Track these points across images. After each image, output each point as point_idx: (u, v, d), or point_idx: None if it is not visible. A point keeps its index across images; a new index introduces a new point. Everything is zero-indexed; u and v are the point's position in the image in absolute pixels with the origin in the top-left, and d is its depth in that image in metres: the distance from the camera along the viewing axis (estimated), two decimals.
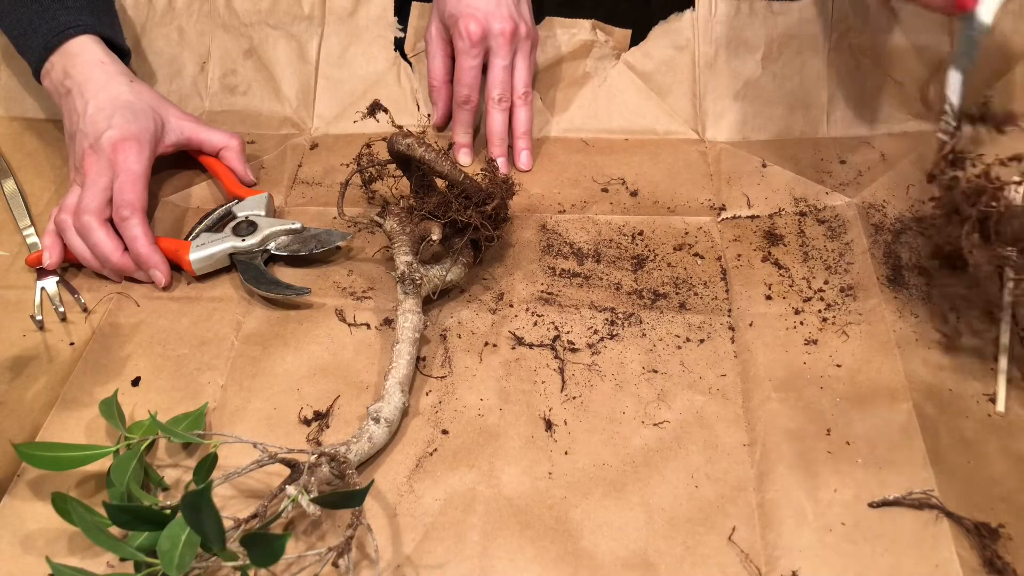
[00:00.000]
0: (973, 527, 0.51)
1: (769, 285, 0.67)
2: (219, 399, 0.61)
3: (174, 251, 0.69)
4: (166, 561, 0.44)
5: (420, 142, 0.62)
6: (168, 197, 0.77)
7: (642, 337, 0.64)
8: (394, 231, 0.65)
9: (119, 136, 0.69)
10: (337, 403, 0.60)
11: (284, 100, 0.85)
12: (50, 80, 0.74)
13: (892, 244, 0.69)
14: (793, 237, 0.71)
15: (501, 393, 0.60)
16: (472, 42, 0.75)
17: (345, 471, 0.52)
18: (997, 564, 0.49)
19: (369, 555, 0.51)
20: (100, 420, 0.58)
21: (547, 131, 0.83)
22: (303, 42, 0.85)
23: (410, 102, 0.84)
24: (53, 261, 0.69)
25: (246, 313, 0.67)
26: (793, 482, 0.54)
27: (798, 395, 0.59)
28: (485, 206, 0.64)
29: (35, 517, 0.54)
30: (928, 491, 0.53)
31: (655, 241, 0.71)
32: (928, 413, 0.57)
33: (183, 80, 0.85)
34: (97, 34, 0.74)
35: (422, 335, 0.62)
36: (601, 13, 0.83)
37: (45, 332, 0.66)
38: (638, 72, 0.83)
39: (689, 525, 0.52)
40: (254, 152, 0.82)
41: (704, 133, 0.81)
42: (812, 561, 0.50)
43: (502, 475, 0.55)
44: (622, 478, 0.55)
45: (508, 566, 0.51)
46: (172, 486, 0.56)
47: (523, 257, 0.71)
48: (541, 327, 0.65)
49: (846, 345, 0.62)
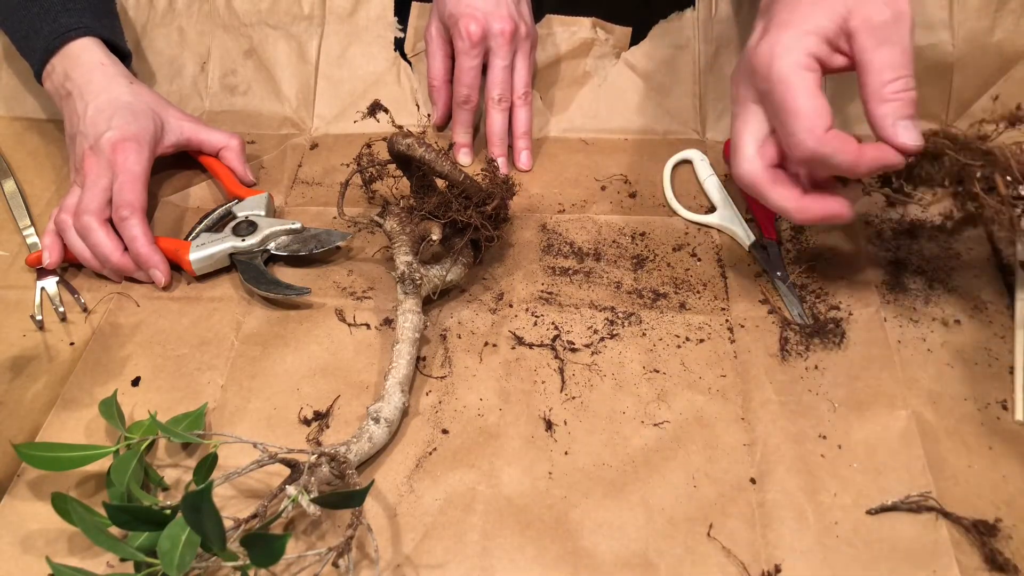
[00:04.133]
0: (971, 525, 0.51)
1: (767, 288, 0.67)
2: (219, 399, 0.61)
3: (174, 251, 0.69)
4: (166, 561, 0.44)
5: (420, 142, 0.62)
6: (168, 197, 0.77)
7: (642, 337, 0.64)
8: (394, 231, 0.65)
9: (119, 137, 0.69)
10: (337, 403, 0.60)
11: (284, 100, 0.85)
12: (51, 82, 0.74)
13: (891, 248, 0.69)
14: (793, 239, 0.71)
15: (501, 393, 0.60)
16: (472, 42, 0.75)
17: (345, 471, 0.52)
18: (998, 560, 0.49)
19: (369, 555, 0.51)
20: (100, 420, 0.58)
21: (547, 131, 0.83)
22: (303, 42, 0.85)
23: (410, 102, 0.84)
24: (53, 261, 0.69)
25: (246, 313, 0.67)
26: (793, 484, 0.54)
27: (797, 399, 0.59)
28: (485, 206, 0.64)
29: (35, 517, 0.54)
30: (926, 493, 0.53)
31: (655, 241, 0.71)
32: (928, 419, 0.57)
33: (183, 80, 0.85)
34: (98, 36, 0.75)
35: (422, 335, 0.62)
36: (601, 11, 0.83)
37: (45, 332, 0.66)
38: (638, 71, 0.83)
39: (689, 525, 0.52)
40: (254, 152, 0.82)
41: (704, 133, 0.81)
42: (812, 562, 0.50)
43: (502, 475, 0.55)
44: (622, 478, 0.55)
45: (508, 566, 0.51)
46: (172, 486, 0.56)
47: (523, 257, 0.71)
48: (541, 327, 0.65)
49: (845, 350, 0.62)
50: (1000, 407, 0.58)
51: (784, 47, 0.55)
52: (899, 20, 0.54)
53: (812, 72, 0.55)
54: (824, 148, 0.54)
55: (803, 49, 0.55)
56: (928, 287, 0.66)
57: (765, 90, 0.57)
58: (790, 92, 0.55)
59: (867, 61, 0.54)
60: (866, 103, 0.55)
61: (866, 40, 0.54)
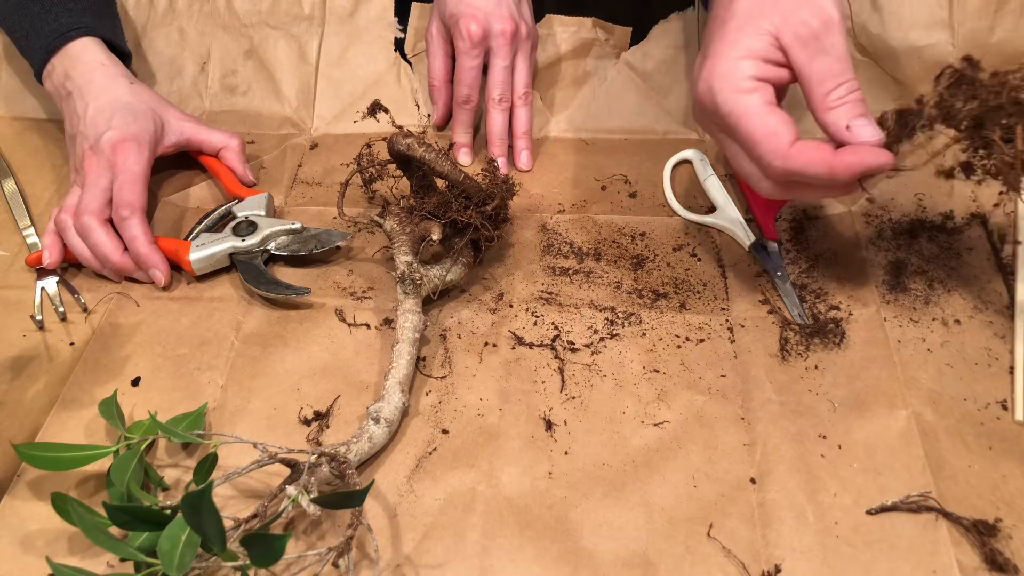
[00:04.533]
0: (971, 525, 0.51)
1: (767, 288, 0.67)
2: (219, 399, 0.61)
3: (174, 251, 0.69)
4: (166, 561, 0.44)
5: (420, 142, 0.62)
6: (168, 197, 0.77)
7: (642, 337, 0.64)
8: (394, 231, 0.65)
9: (119, 137, 0.69)
10: (337, 403, 0.60)
11: (284, 100, 0.85)
12: (51, 82, 0.74)
13: (892, 249, 0.69)
14: (793, 239, 0.71)
15: (501, 393, 0.60)
16: (473, 42, 0.75)
17: (345, 471, 0.52)
18: (998, 560, 0.49)
19: (369, 555, 0.51)
20: (100, 420, 0.58)
21: (547, 131, 0.83)
22: (303, 42, 0.85)
23: (410, 102, 0.84)
24: (53, 261, 0.69)
25: (246, 313, 0.67)
26: (793, 484, 0.54)
27: (798, 399, 0.59)
28: (485, 206, 0.64)
29: (35, 517, 0.54)
30: (926, 493, 0.53)
31: (655, 241, 0.71)
32: (928, 419, 0.57)
33: (183, 80, 0.85)
34: (98, 36, 0.75)
35: (422, 335, 0.62)
36: (601, 11, 0.83)
37: (45, 332, 0.66)
38: (638, 71, 0.83)
39: (689, 525, 0.52)
40: (254, 152, 0.82)
41: (704, 133, 0.81)
42: (812, 562, 0.50)
43: (502, 475, 0.55)
44: (622, 478, 0.55)
45: (508, 566, 0.51)
46: (172, 486, 0.56)
47: (523, 257, 0.71)
48: (541, 327, 0.65)
49: (845, 350, 0.62)
50: (1000, 407, 0.58)
51: (721, 77, 0.55)
52: (828, 27, 0.53)
53: (757, 92, 0.54)
54: (793, 164, 0.53)
55: (740, 74, 0.54)
56: (928, 287, 0.66)
57: (718, 124, 0.56)
58: (740, 121, 0.54)
59: (806, 75, 0.54)
60: (815, 115, 0.54)
61: (799, 54, 0.54)
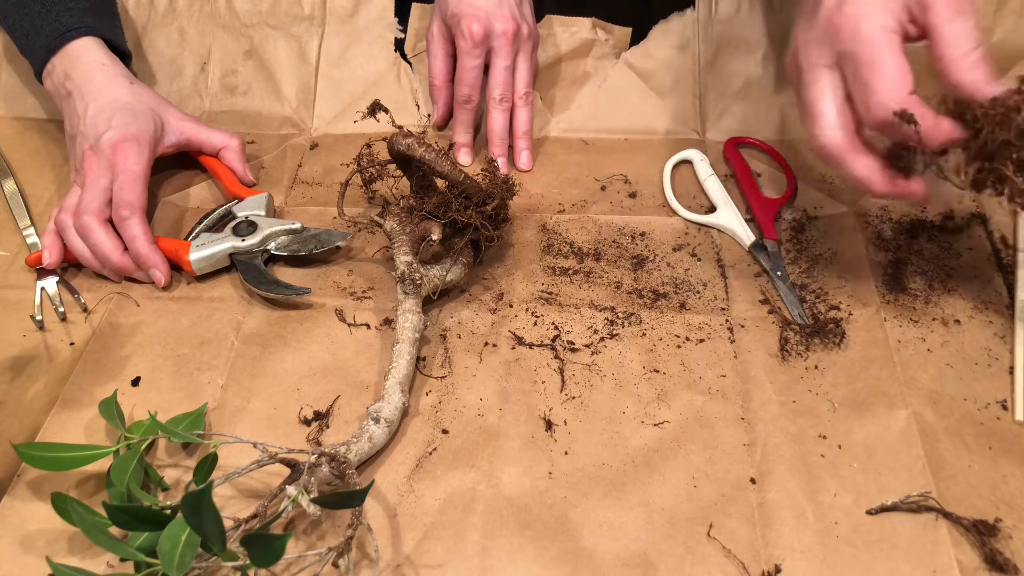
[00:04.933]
0: (971, 525, 0.51)
1: (767, 288, 0.67)
2: (219, 399, 0.61)
3: (174, 251, 0.69)
4: (166, 561, 0.44)
5: (420, 142, 0.62)
6: (168, 197, 0.77)
7: (642, 337, 0.64)
8: (394, 231, 0.65)
9: (119, 137, 0.69)
10: (337, 403, 0.60)
11: (284, 100, 0.85)
12: (51, 81, 0.74)
13: (891, 249, 0.69)
14: (793, 239, 0.71)
15: (501, 393, 0.60)
16: (474, 42, 0.75)
17: (345, 471, 0.52)
18: (998, 560, 0.49)
19: (369, 555, 0.51)
20: (100, 420, 0.58)
21: (547, 131, 0.83)
22: (303, 42, 0.85)
23: (410, 102, 0.84)
24: (53, 261, 0.69)
25: (246, 313, 0.67)
26: (793, 484, 0.54)
27: (797, 399, 0.59)
28: (485, 206, 0.64)
29: (35, 517, 0.54)
30: (926, 493, 0.53)
31: (655, 241, 0.71)
32: (927, 419, 0.57)
33: (184, 80, 0.85)
34: (99, 36, 0.75)
35: (422, 335, 0.62)
36: (601, 11, 0.83)
37: (45, 332, 0.66)
38: (638, 72, 0.83)
39: (689, 525, 0.52)
40: (254, 152, 0.82)
41: (704, 133, 0.81)
42: (812, 562, 0.50)
43: (502, 475, 0.55)
44: (622, 478, 0.55)
45: (508, 566, 0.51)
46: (172, 486, 0.56)
47: (523, 257, 0.71)
48: (541, 327, 0.65)
49: (845, 350, 0.62)
50: (1000, 407, 0.58)
51: (872, 10, 0.57)
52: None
53: (897, 36, 0.56)
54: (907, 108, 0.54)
55: (889, 13, 0.56)
56: (928, 287, 0.66)
57: (849, 50, 0.57)
58: (878, 51, 0.56)
59: (944, 33, 0.55)
60: (947, 73, 0.56)
61: (942, 11, 0.55)
